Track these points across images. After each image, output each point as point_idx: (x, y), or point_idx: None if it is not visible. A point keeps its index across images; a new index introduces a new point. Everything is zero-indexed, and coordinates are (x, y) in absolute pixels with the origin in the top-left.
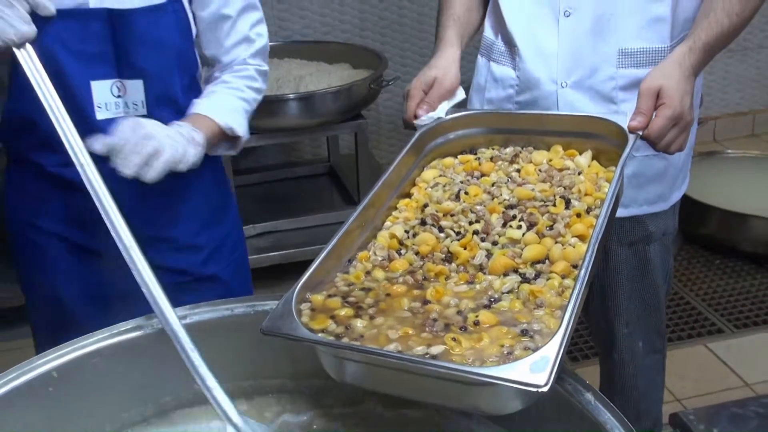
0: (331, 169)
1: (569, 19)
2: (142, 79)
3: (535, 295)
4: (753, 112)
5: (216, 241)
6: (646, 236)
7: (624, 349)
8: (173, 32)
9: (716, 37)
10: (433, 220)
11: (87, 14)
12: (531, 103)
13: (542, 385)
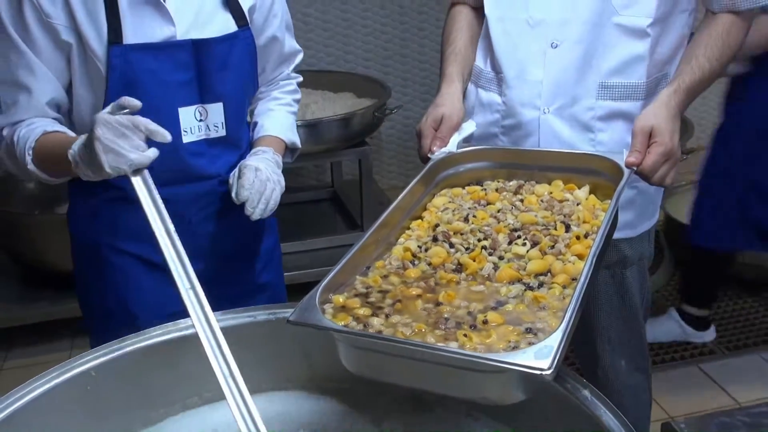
0: (335, 194)
1: (556, 50)
2: (221, 102)
3: (538, 301)
4: None
5: (268, 252)
6: (622, 259)
7: (607, 366)
8: (245, 57)
9: (698, 81)
10: (444, 237)
11: (174, 46)
12: (515, 127)
13: (546, 368)
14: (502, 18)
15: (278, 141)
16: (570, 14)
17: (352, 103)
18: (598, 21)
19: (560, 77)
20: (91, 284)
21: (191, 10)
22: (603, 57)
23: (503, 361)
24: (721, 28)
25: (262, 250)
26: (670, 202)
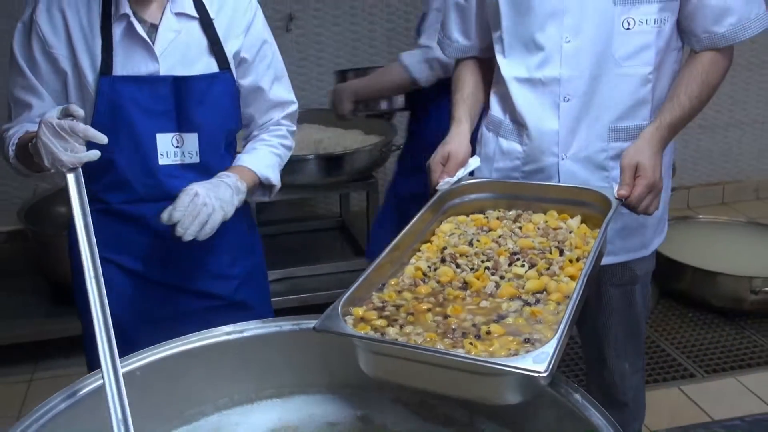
0: (343, 223)
1: (568, 103)
2: (197, 133)
3: (535, 315)
4: (722, 183)
5: (246, 272)
6: (632, 278)
7: (613, 369)
8: (223, 96)
9: (679, 118)
10: (452, 259)
11: (157, 80)
12: (536, 171)
13: (543, 372)
14: (518, 78)
15: (248, 172)
16: (577, 71)
17: (361, 140)
18: (603, 74)
19: (574, 126)
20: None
21: (177, 51)
22: (611, 105)
23: (505, 365)
24: (701, 67)
25: (239, 270)
26: None
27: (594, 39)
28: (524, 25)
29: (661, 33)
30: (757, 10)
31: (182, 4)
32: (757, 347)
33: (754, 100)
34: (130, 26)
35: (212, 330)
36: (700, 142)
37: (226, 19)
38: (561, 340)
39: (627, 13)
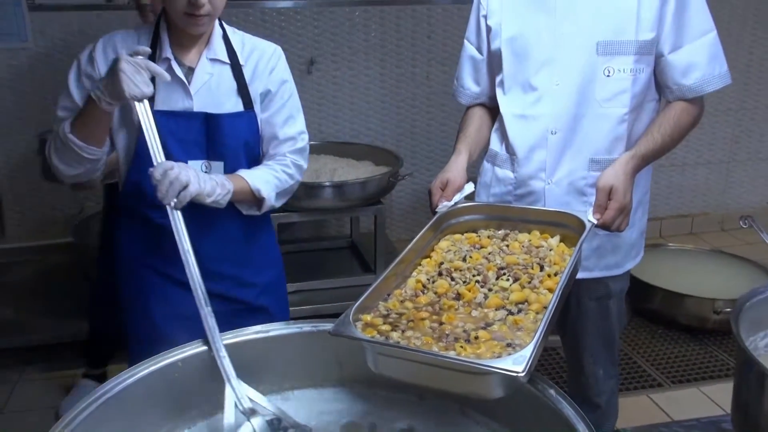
0: (353, 243)
1: (555, 136)
2: (222, 161)
3: (517, 323)
4: (691, 215)
5: (268, 282)
6: (607, 293)
7: (589, 374)
8: (246, 131)
9: (652, 151)
10: (447, 273)
11: (191, 115)
12: (526, 195)
13: (521, 371)
14: (514, 114)
15: (242, 180)
16: (564, 109)
17: (371, 169)
18: (586, 113)
19: (559, 156)
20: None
21: (209, 91)
22: (591, 139)
23: (490, 366)
24: (674, 112)
25: (262, 280)
26: None
27: (579, 83)
28: (521, 70)
29: (637, 81)
30: (720, 69)
31: (216, 51)
32: (718, 361)
33: (720, 143)
34: (171, 68)
35: (243, 329)
36: (671, 178)
37: (253, 65)
38: (537, 345)
39: (607, 62)
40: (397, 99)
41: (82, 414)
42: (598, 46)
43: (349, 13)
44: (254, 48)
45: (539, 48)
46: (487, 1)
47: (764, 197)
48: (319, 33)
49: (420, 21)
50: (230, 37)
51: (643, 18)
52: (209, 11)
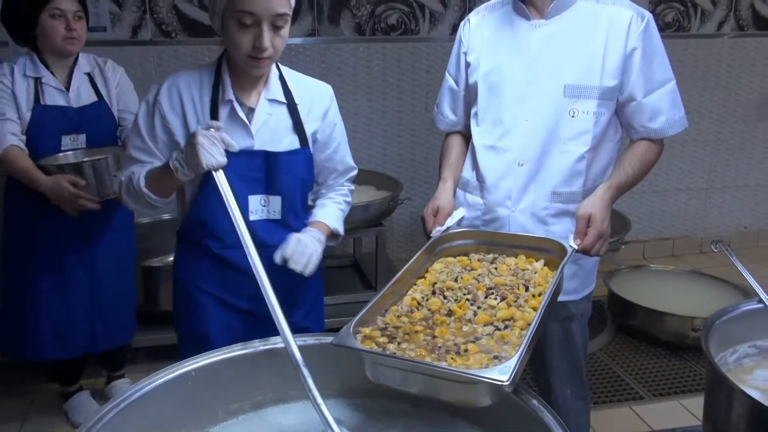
0: (355, 262)
1: (521, 168)
2: (280, 196)
3: (503, 338)
4: (672, 238)
5: (311, 303)
6: (569, 316)
7: (558, 395)
8: (303, 167)
9: (625, 182)
10: (440, 292)
11: (252, 153)
12: (492, 220)
13: (506, 381)
14: (485, 145)
15: (323, 225)
16: (530, 145)
17: (373, 193)
18: (550, 149)
19: (524, 187)
20: (182, 316)
21: (268, 130)
22: (553, 173)
23: (478, 375)
24: (641, 149)
25: (304, 302)
26: (614, 281)
27: (546, 121)
28: (494, 105)
29: (598, 123)
30: (679, 114)
31: (274, 92)
32: (696, 375)
33: (699, 171)
34: (233, 109)
35: (250, 342)
36: (653, 204)
37: (307, 105)
38: (521, 358)
39: (573, 104)
40: (397, 129)
41: (108, 416)
42: (565, 89)
43: (354, 49)
44: (308, 88)
45: (512, 86)
46: (467, 39)
47: (741, 222)
48: (326, 67)
49: (419, 57)
50: (286, 78)
51: (607, 66)
52: (271, 54)
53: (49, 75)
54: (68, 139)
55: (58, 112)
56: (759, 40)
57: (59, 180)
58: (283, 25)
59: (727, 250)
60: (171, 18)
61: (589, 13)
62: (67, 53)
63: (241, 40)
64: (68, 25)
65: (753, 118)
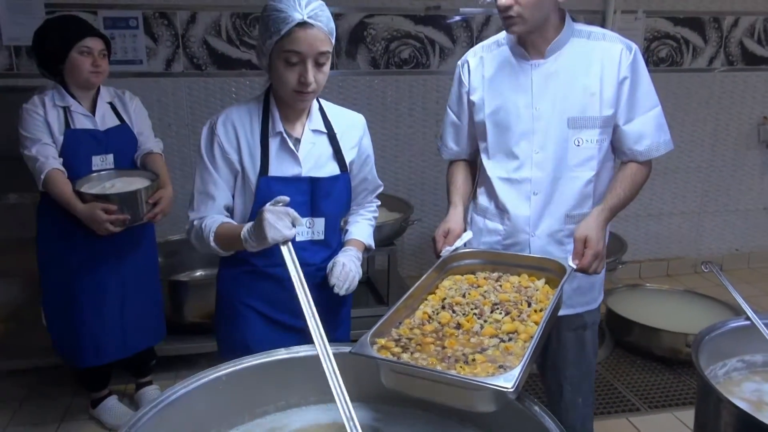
0: (369, 279)
1: (536, 197)
2: (324, 218)
3: (508, 349)
4: (667, 259)
5: (341, 317)
6: (583, 325)
7: (568, 401)
8: (343, 191)
9: (617, 204)
10: (449, 306)
11: (299, 180)
12: (514, 244)
13: (510, 387)
14: (501, 177)
15: (360, 243)
16: (542, 174)
17: (386, 215)
18: (561, 176)
19: (540, 213)
20: (224, 326)
21: (313, 158)
22: (565, 197)
23: (485, 382)
24: (630, 172)
25: (336, 315)
26: (611, 299)
27: (554, 152)
28: (504, 140)
29: (601, 149)
30: (664, 137)
31: (316, 123)
32: (689, 389)
33: (692, 196)
34: (283, 140)
35: (273, 351)
36: (649, 226)
37: (345, 134)
38: (525, 367)
39: (577, 134)
40: (408, 155)
41: (146, 416)
42: (569, 121)
43: (369, 80)
44: (344, 118)
45: (519, 122)
46: (468, 80)
47: (733, 245)
48: (344, 97)
49: (429, 89)
50: (325, 110)
51: (604, 98)
52: (315, 89)
53: (77, 103)
54: (98, 159)
55: (87, 134)
56: (747, 75)
57: (93, 208)
58: (325, 62)
59: (716, 271)
60: (202, 52)
61: (583, 50)
62: (92, 85)
63: (288, 77)
64: (94, 62)
65: (743, 147)
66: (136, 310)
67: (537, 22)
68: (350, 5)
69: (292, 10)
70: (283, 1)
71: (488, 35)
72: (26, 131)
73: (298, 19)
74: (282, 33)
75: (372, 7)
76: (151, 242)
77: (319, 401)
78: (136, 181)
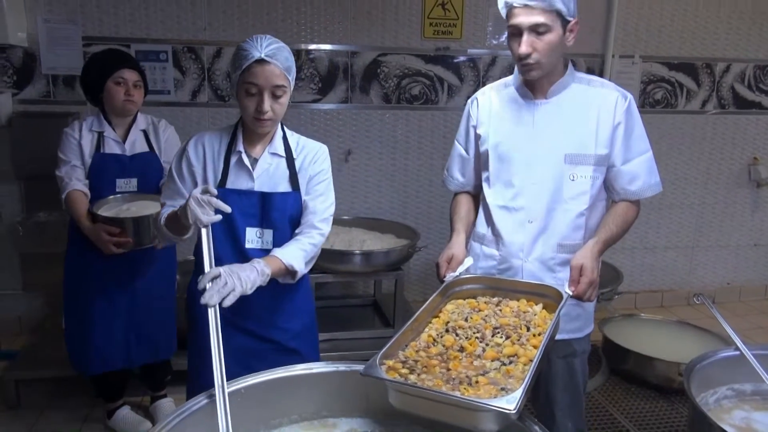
0: (376, 302)
1: (531, 225)
2: (272, 230)
3: (509, 372)
4: (661, 291)
5: (298, 328)
6: (572, 352)
7: (560, 426)
8: (292, 207)
9: (610, 237)
10: (453, 330)
11: (251, 194)
12: (507, 269)
13: (512, 409)
14: (498, 205)
15: (276, 260)
16: (538, 204)
17: (394, 241)
18: (555, 207)
19: (534, 240)
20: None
21: (268, 176)
22: (558, 227)
23: (488, 404)
24: (622, 210)
25: (294, 326)
26: (608, 327)
27: (550, 184)
28: (504, 171)
29: (594, 185)
30: (654, 180)
31: (276, 147)
32: (682, 417)
33: (685, 231)
34: (240, 158)
35: (292, 366)
36: (644, 259)
37: (302, 158)
38: (525, 389)
39: (572, 170)
40: (416, 185)
41: (170, 425)
42: (565, 157)
43: (381, 114)
44: (305, 146)
45: (519, 154)
46: (476, 115)
47: (725, 278)
48: (356, 130)
49: (438, 123)
50: (288, 137)
51: (600, 137)
52: (271, 117)
53: (110, 129)
54: (122, 182)
55: (113, 158)
56: (738, 117)
57: (98, 228)
58: (282, 94)
59: (706, 302)
60: (225, 84)
61: (582, 94)
62: (127, 113)
63: (248, 105)
64: (128, 91)
65: (734, 185)
66: (143, 325)
67: (551, 67)
68: (365, 44)
69: (252, 49)
70: (248, 42)
71: (494, 74)
72: (62, 153)
73: (256, 56)
74: (242, 68)
75: (385, 47)
76: (169, 262)
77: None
78: (152, 205)
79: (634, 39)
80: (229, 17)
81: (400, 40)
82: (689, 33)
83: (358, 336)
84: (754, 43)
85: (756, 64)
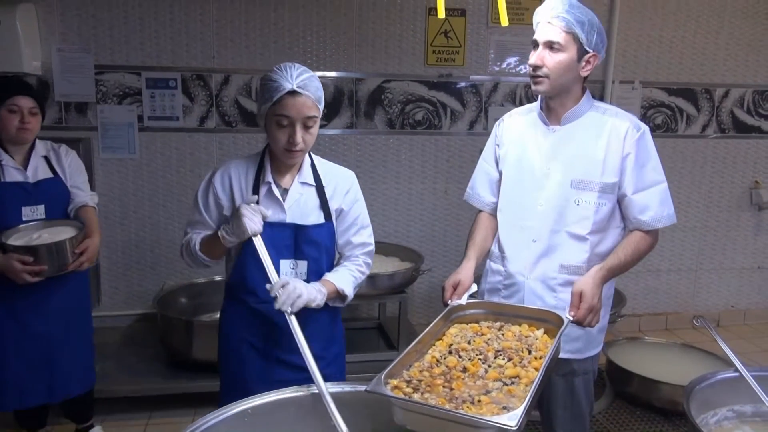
0: (380, 325)
1: (535, 244)
2: (306, 261)
3: (510, 392)
4: (665, 314)
5: (333, 355)
6: (571, 371)
7: None
8: (326, 238)
9: (617, 266)
10: (456, 352)
11: (284, 225)
12: (510, 285)
13: (514, 426)
14: (507, 223)
15: (330, 283)
16: (544, 225)
17: (398, 264)
18: (559, 229)
19: (537, 259)
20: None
21: (299, 207)
22: (561, 249)
23: (491, 421)
24: (634, 239)
25: (328, 353)
26: (612, 351)
27: (556, 207)
28: (516, 192)
29: (599, 211)
30: (668, 211)
31: (305, 176)
32: None
33: (688, 254)
34: (270, 189)
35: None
36: (648, 282)
37: (333, 187)
38: (526, 408)
39: (578, 195)
40: (420, 208)
41: None
42: (572, 183)
43: (385, 139)
44: (334, 174)
45: (532, 177)
46: (501, 135)
47: (728, 301)
48: (361, 155)
49: (441, 148)
50: (317, 165)
51: (608, 166)
52: (302, 148)
53: (8, 157)
54: (29, 210)
55: (17, 186)
56: (738, 141)
57: (9, 259)
58: (312, 125)
59: (707, 324)
60: (233, 110)
61: (596, 123)
62: (21, 141)
63: (279, 137)
64: (22, 119)
65: (736, 208)
66: (66, 356)
67: (560, 87)
68: (370, 71)
69: (283, 80)
70: (277, 72)
71: (496, 100)
72: None
73: (288, 88)
74: (274, 100)
75: (390, 73)
76: (83, 289)
77: None
78: (64, 231)
79: (633, 65)
80: (237, 45)
81: (404, 66)
82: (688, 59)
83: (362, 359)
84: (752, 69)
85: (755, 89)
